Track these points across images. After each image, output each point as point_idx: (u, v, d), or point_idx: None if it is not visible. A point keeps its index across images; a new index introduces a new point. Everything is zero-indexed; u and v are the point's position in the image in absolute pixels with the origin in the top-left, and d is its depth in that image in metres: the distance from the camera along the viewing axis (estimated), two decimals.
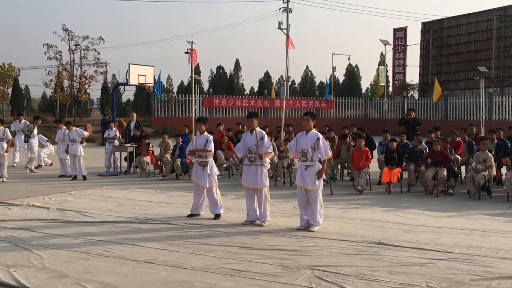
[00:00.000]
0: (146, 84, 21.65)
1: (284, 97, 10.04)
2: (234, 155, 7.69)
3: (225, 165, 13.50)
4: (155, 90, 24.00)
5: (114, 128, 15.38)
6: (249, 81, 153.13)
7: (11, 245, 6.33)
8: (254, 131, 7.58)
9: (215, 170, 8.18)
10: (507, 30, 38.60)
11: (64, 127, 13.79)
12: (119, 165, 14.91)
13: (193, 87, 9.80)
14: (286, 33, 41.33)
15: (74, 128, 13.66)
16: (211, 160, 8.14)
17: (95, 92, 61.20)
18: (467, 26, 41.57)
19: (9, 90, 50.13)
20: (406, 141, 12.29)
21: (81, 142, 13.38)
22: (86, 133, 14.04)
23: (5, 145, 12.66)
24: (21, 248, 6.20)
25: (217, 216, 7.98)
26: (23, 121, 16.18)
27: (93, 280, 5.02)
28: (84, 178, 13.11)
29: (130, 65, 20.95)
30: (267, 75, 77.64)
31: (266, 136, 7.60)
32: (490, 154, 10.17)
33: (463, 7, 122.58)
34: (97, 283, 4.93)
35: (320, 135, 7.26)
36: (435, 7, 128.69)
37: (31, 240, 6.59)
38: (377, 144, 13.12)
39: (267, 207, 7.59)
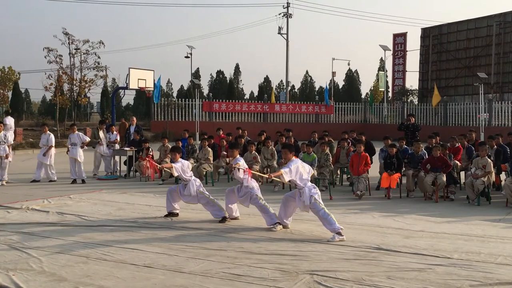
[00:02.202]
0: (146, 88, 21.64)
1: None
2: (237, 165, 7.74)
3: (222, 169, 13.50)
4: (153, 95, 24.00)
5: (114, 132, 15.33)
6: (249, 85, 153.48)
7: (10, 249, 6.33)
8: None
9: (197, 186, 8.22)
10: (506, 36, 38.72)
11: (77, 132, 13.65)
12: (118, 169, 14.91)
13: None
14: (286, 38, 41.45)
15: (77, 132, 13.63)
16: (192, 179, 8.24)
17: (95, 96, 61.41)
18: (467, 32, 41.70)
19: (9, 94, 50.21)
20: (405, 146, 12.32)
21: (81, 147, 13.38)
22: (87, 138, 13.97)
23: (6, 148, 12.66)
24: (20, 251, 6.20)
25: (224, 219, 7.99)
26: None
27: (92, 284, 5.03)
28: (83, 181, 13.11)
29: (130, 69, 20.95)
30: (267, 79, 77.84)
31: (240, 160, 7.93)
32: (489, 160, 10.19)
33: (463, 13, 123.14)
34: (96, 287, 4.94)
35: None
36: (435, 13, 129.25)
37: (30, 243, 6.59)
38: (378, 150, 13.11)
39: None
